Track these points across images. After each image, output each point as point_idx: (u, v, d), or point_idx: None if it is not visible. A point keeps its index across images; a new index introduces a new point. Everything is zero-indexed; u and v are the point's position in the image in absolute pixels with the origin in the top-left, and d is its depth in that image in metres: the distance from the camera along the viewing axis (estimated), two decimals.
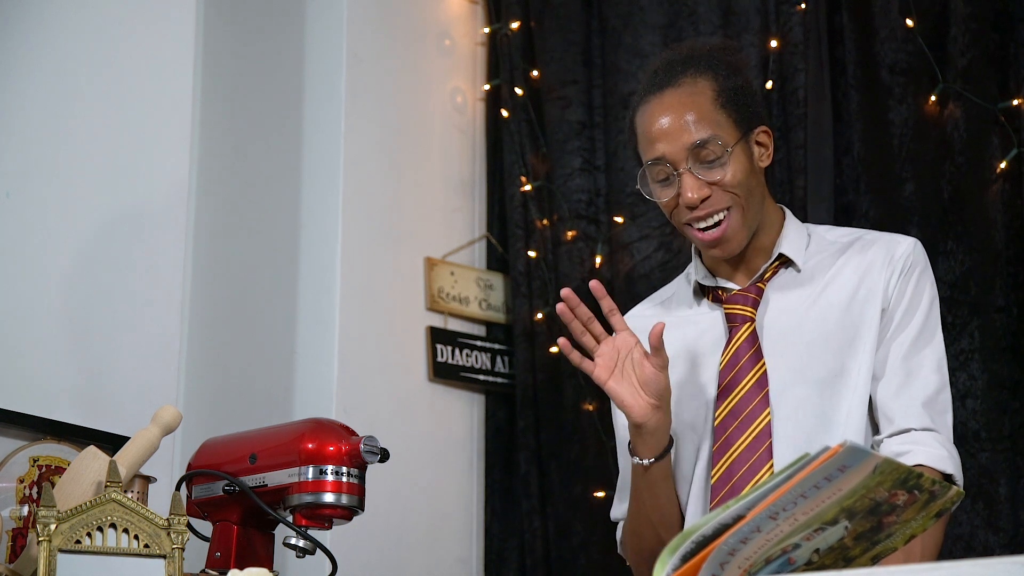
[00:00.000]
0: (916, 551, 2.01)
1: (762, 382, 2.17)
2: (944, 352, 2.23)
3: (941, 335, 2.24)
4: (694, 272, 2.30)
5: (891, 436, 2.16)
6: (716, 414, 2.17)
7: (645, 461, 2.16)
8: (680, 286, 2.37)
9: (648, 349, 2.15)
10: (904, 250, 2.23)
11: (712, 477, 2.15)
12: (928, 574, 1.24)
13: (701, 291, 2.30)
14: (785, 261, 2.25)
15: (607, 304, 2.16)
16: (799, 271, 2.24)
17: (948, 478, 2.13)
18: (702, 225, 2.18)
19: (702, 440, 2.21)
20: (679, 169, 2.16)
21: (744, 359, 2.18)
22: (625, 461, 2.33)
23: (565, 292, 2.15)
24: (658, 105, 2.20)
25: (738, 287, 2.25)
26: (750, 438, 2.15)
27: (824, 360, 2.18)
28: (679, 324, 2.29)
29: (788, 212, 2.30)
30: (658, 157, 2.18)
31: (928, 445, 2.13)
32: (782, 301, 2.22)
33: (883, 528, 1.42)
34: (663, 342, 2.11)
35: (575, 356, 2.15)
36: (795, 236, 2.26)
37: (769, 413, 2.15)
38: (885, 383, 2.17)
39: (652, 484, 2.18)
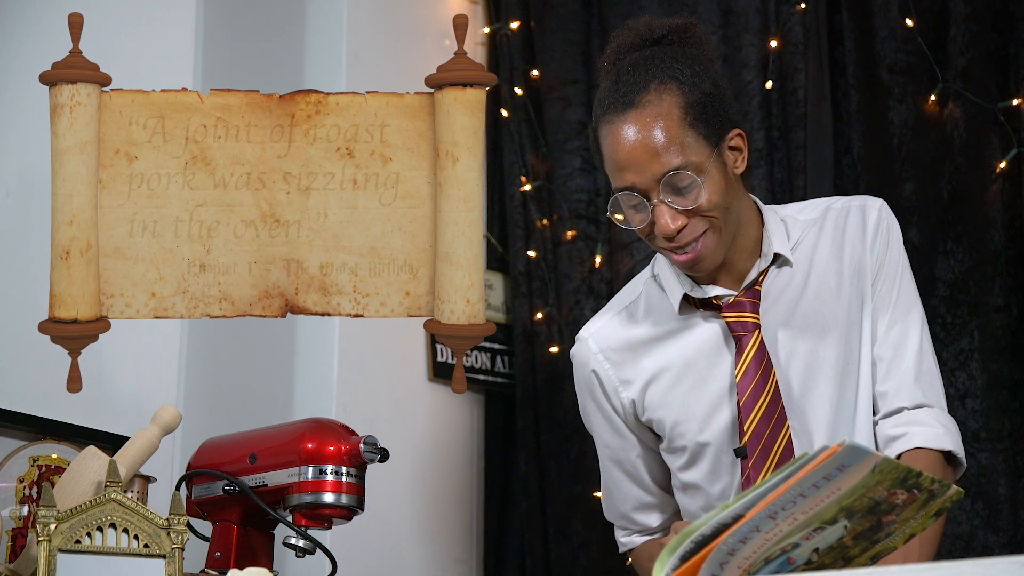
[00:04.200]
0: (914, 549, 2.00)
1: (778, 394, 2.14)
2: (923, 308, 2.20)
3: (917, 294, 2.21)
4: (676, 282, 2.21)
5: (885, 417, 2.14)
6: (745, 428, 2.13)
7: None
8: (648, 290, 2.27)
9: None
10: (876, 217, 2.20)
11: None
12: (928, 574, 1.24)
13: (687, 301, 2.21)
14: (774, 257, 2.20)
15: None
16: (788, 264, 2.19)
17: (948, 455, 2.12)
18: (678, 249, 2.11)
19: (732, 458, 2.18)
20: (651, 200, 2.07)
21: (758, 372, 2.13)
22: (609, 463, 2.33)
23: None
24: (622, 128, 2.08)
25: (730, 292, 2.18)
26: (780, 450, 2.12)
27: (838, 349, 2.15)
28: (668, 336, 2.23)
29: (760, 203, 2.23)
30: (627, 187, 2.09)
31: (924, 424, 2.12)
32: (782, 300, 2.19)
33: (882, 527, 1.42)
34: None
35: None
36: (777, 229, 2.20)
37: (788, 428, 2.12)
38: (875, 358, 2.16)
39: None
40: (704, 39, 2.23)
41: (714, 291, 2.18)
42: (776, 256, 2.19)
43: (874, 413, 2.16)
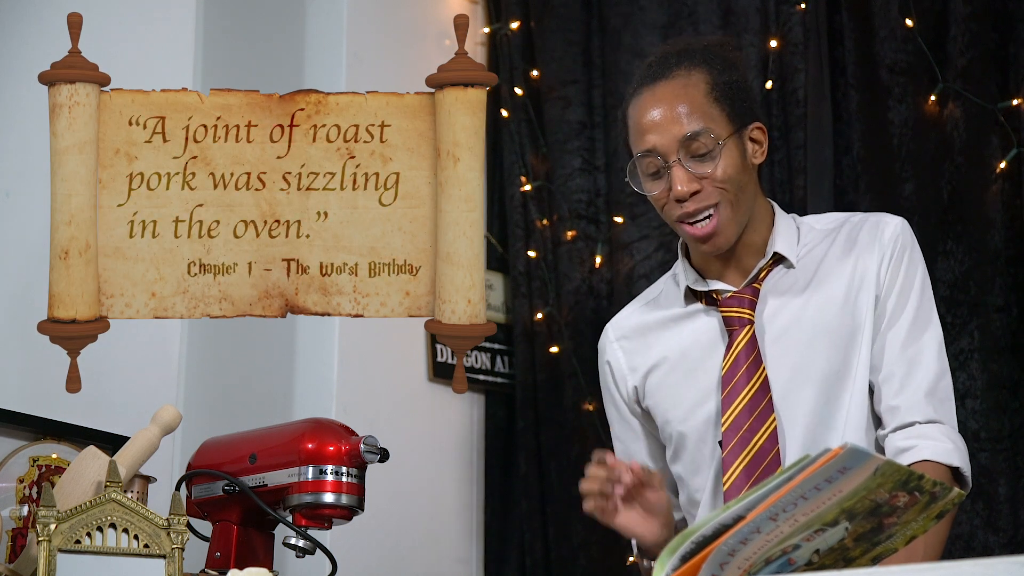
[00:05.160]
0: (918, 550, 2.00)
1: (764, 388, 2.14)
2: (942, 332, 2.20)
3: (936, 315, 2.21)
4: (683, 275, 2.26)
5: (895, 431, 2.14)
6: (723, 420, 2.15)
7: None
8: (667, 286, 2.32)
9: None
10: (892, 232, 2.20)
11: (724, 484, 2.13)
12: (928, 574, 1.24)
13: (692, 294, 2.25)
14: (778, 258, 2.22)
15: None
16: (793, 267, 2.21)
17: (956, 471, 2.12)
18: (692, 220, 2.15)
19: (714, 449, 2.19)
20: (669, 161, 2.13)
21: (745, 365, 2.15)
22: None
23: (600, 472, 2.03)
24: (650, 97, 2.16)
25: (732, 288, 2.21)
26: (758, 445, 2.12)
27: (829, 356, 2.16)
28: (672, 326, 2.26)
29: (776, 206, 2.26)
30: (648, 149, 2.14)
31: (934, 439, 2.11)
32: (780, 300, 2.20)
33: (883, 529, 1.42)
34: (645, 474, 2.04)
35: (599, 511, 2.04)
36: (786, 231, 2.23)
37: (775, 419, 2.13)
38: (886, 375, 2.15)
39: None
40: (738, 54, 2.31)
41: (716, 285, 2.21)
42: (779, 256, 2.20)
43: (883, 427, 2.16)
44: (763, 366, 2.15)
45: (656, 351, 2.27)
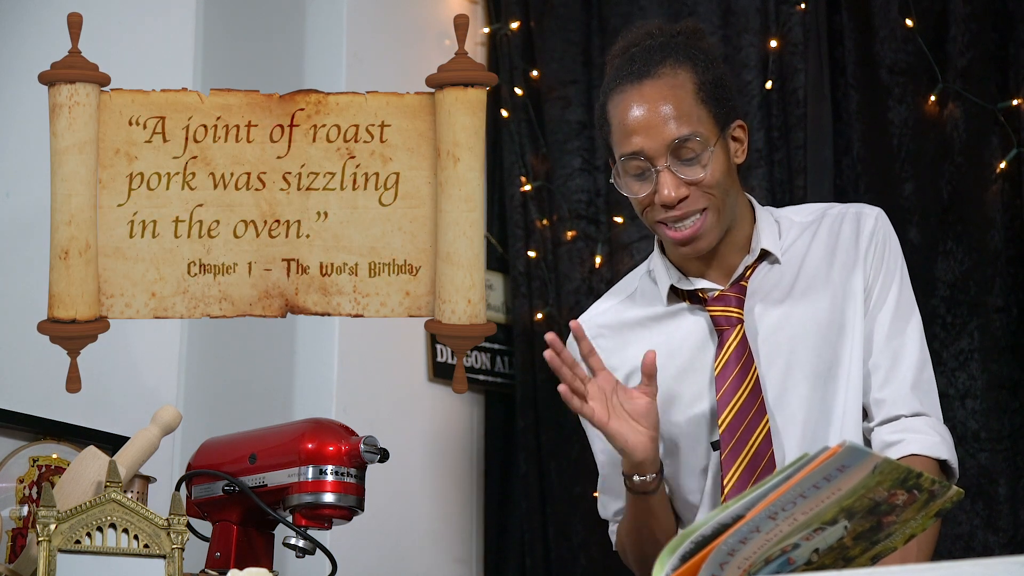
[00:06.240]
0: (912, 550, 2.00)
1: (757, 388, 2.14)
2: (920, 318, 2.21)
3: (915, 302, 2.21)
4: (665, 274, 2.24)
5: (881, 424, 2.15)
6: (720, 421, 2.14)
7: (648, 477, 2.13)
8: (643, 283, 2.30)
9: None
10: (873, 224, 2.20)
11: (724, 488, 2.13)
12: (928, 574, 1.24)
13: (675, 293, 2.24)
14: (763, 254, 2.21)
15: (585, 347, 2.10)
16: (778, 262, 2.20)
17: (943, 464, 2.12)
18: (674, 223, 2.13)
19: (708, 450, 2.19)
20: (657, 166, 2.10)
21: (738, 366, 2.14)
22: (604, 457, 2.33)
23: (550, 337, 2.06)
24: (636, 96, 2.12)
25: (717, 286, 2.20)
26: (755, 447, 2.12)
27: (820, 352, 2.16)
28: (653, 325, 2.25)
29: (755, 201, 2.25)
30: (635, 151, 2.11)
31: (920, 432, 2.12)
32: (767, 298, 2.19)
33: (882, 528, 1.43)
34: (655, 367, 2.07)
35: (576, 402, 2.07)
36: (769, 227, 2.22)
37: (767, 421, 2.13)
38: (872, 366, 2.16)
39: (652, 510, 2.16)
40: (710, 42, 2.29)
41: (701, 284, 2.20)
42: (764, 253, 2.20)
43: (870, 420, 2.16)
44: (755, 366, 2.15)
45: (635, 351, 2.23)
